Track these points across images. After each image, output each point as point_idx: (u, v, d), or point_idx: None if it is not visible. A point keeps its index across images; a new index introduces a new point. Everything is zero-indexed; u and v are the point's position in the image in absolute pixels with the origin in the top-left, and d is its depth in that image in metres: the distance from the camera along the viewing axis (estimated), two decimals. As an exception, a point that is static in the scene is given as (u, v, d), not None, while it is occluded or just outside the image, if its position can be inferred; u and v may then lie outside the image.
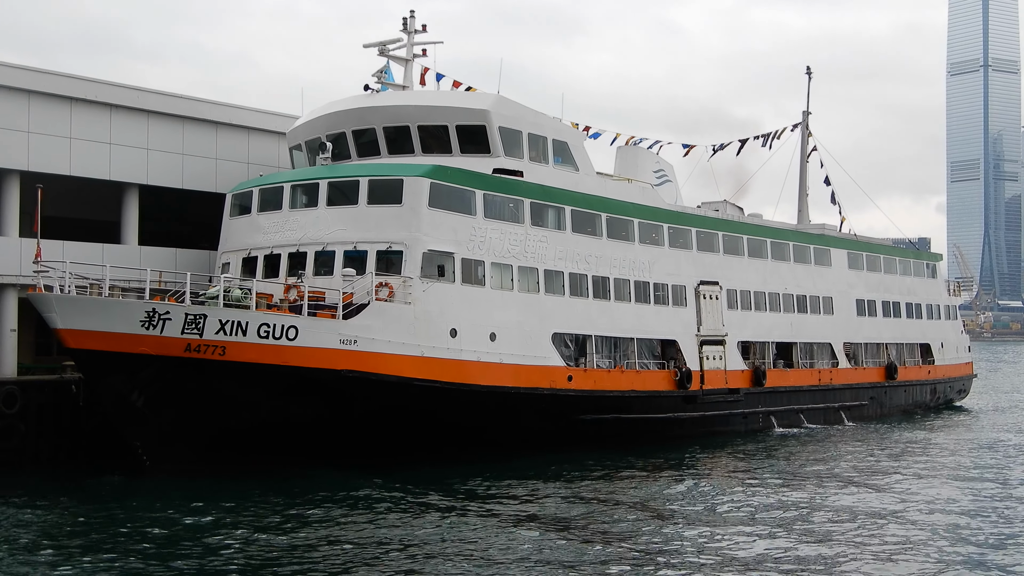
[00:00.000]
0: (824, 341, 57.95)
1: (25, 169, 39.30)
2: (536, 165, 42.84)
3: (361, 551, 24.24)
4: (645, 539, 25.86)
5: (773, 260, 55.38)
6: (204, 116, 44.40)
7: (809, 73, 70.85)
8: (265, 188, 40.88)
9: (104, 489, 32.21)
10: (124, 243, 42.56)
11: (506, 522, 27.53)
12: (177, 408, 32.76)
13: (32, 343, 40.55)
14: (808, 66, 71.00)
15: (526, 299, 40.70)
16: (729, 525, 27.62)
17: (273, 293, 36.78)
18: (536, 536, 25.76)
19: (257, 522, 27.24)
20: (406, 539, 25.47)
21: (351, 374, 34.53)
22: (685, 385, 46.66)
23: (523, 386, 39.24)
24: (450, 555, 23.84)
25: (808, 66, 71.00)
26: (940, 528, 27.42)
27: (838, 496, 32.24)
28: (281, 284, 37.39)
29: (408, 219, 37.68)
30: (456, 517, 27.98)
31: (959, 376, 72.58)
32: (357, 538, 25.49)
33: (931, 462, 40.82)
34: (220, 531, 26.23)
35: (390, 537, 25.59)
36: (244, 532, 26.14)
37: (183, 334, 32.10)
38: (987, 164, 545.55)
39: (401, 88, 43.98)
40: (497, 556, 23.69)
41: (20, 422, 36.60)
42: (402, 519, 27.81)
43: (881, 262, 65.38)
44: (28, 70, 39.96)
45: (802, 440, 48.19)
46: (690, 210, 53.30)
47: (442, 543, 25.01)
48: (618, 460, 38.95)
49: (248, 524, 27.04)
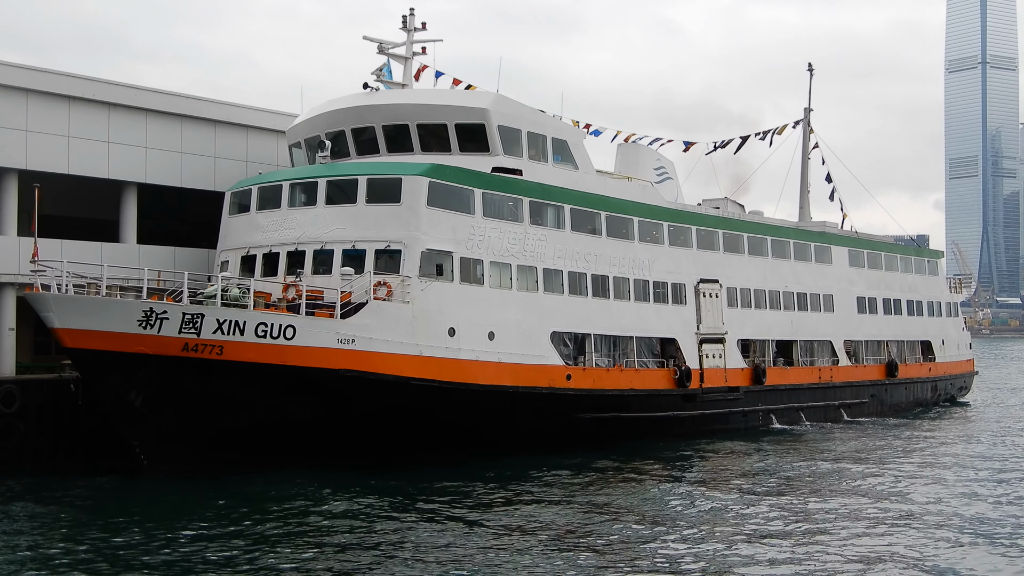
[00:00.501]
0: (824, 339, 57.87)
1: (23, 168, 39.26)
2: (535, 164, 42.76)
3: (347, 555, 24.13)
4: (639, 542, 25.74)
5: (773, 258, 55.28)
6: (203, 115, 44.34)
7: (811, 70, 70.65)
8: (264, 186, 40.83)
9: (102, 488, 32.20)
10: (123, 242, 42.51)
11: (497, 526, 27.31)
12: (175, 408, 32.73)
13: (31, 342, 40.53)
14: (810, 63, 70.88)
15: (525, 298, 40.63)
16: (725, 525, 27.56)
17: (271, 292, 36.77)
18: (530, 543, 25.48)
19: (257, 524, 27.17)
20: (401, 542, 25.41)
21: (349, 373, 34.48)
22: (684, 383, 46.61)
23: (522, 385, 39.19)
24: (438, 560, 23.61)
25: (810, 63, 70.88)
26: (939, 526, 27.37)
27: (834, 494, 32.18)
28: (280, 283, 37.35)
29: (407, 218, 37.62)
30: (442, 522, 27.66)
31: (960, 373, 72.53)
32: (345, 541, 25.37)
33: (930, 459, 40.75)
34: (216, 530, 26.19)
35: (382, 541, 25.44)
36: (242, 530, 26.11)
37: (180, 333, 32.06)
38: (985, 161, 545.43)
39: (400, 86, 43.92)
40: (483, 561, 23.47)
41: (19, 421, 36.54)
42: (396, 522, 27.71)
43: (882, 259, 65.28)
44: (26, 69, 39.89)
45: (801, 438, 48.12)
46: (690, 208, 53.23)
47: (428, 549, 24.77)
48: (616, 459, 38.85)
49: (246, 522, 27.01)
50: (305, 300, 34.46)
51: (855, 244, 63.48)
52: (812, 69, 70.56)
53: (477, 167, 40.34)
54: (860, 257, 63.08)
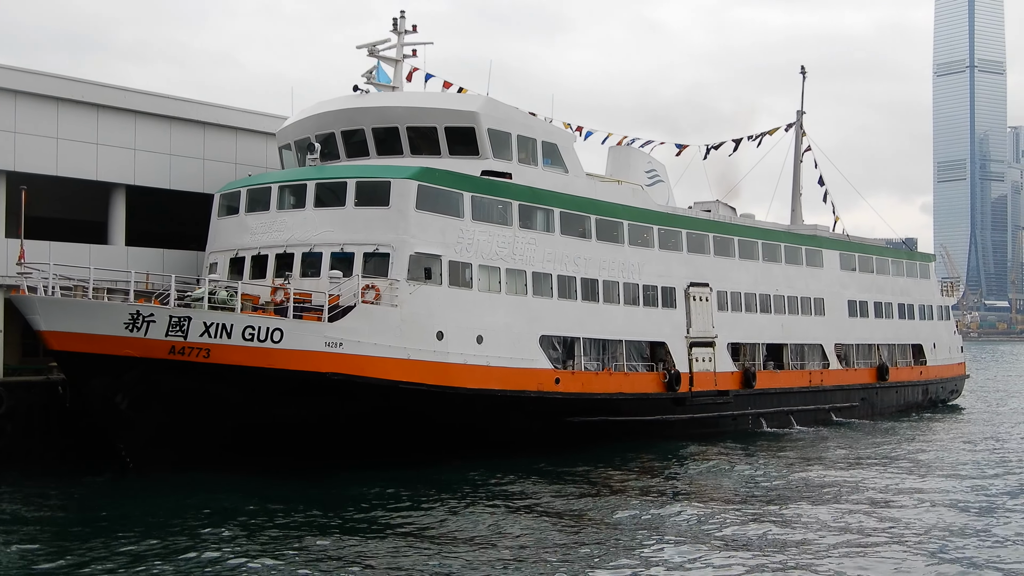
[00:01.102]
0: (815, 342, 57.89)
1: (11, 169, 39.18)
2: (525, 167, 42.72)
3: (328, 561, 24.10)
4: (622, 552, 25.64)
5: (764, 261, 55.27)
6: (191, 116, 44.30)
7: (803, 73, 70.58)
8: (253, 188, 40.76)
9: (89, 490, 32.17)
10: (111, 244, 42.48)
11: (471, 536, 26.99)
12: (162, 410, 32.66)
13: (19, 344, 40.39)
14: (802, 66, 70.82)
15: (514, 301, 40.60)
16: (696, 533, 27.48)
17: (260, 294, 36.70)
18: (505, 552, 25.15)
19: (242, 528, 27.10)
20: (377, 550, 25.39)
21: (336, 377, 34.42)
22: (674, 387, 46.60)
23: (510, 389, 39.14)
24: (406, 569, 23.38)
25: (802, 66, 70.82)
26: (926, 529, 27.37)
27: (820, 498, 32.18)
28: (268, 286, 37.28)
29: (395, 221, 37.57)
30: (414, 535, 27.22)
31: (951, 376, 72.57)
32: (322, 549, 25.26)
33: (918, 461, 40.82)
34: (204, 531, 26.18)
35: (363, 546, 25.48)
36: (229, 534, 26.05)
37: (167, 336, 32.00)
38: (973, 164, 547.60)
39: (391, 89, 43.87)
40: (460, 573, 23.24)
41: (7, 423, 36.50)
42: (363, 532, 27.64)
43: (874, 263, 65.30)
44: (14, 70, 39.82)
45: (789, 442, 48.05)
46: (681, 211, 53.15)
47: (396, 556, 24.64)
48: (605, 463, 38.78)
49: (233, 526, 26.94)
50: (293, 303, 34.42)
51: (846, 247, 63.48)
52: (805, 72, 70.44)
53: (467, 170, 40.29)
54: (851, 260, 63.08)
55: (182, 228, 44.79)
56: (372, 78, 43.27)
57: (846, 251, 63.00)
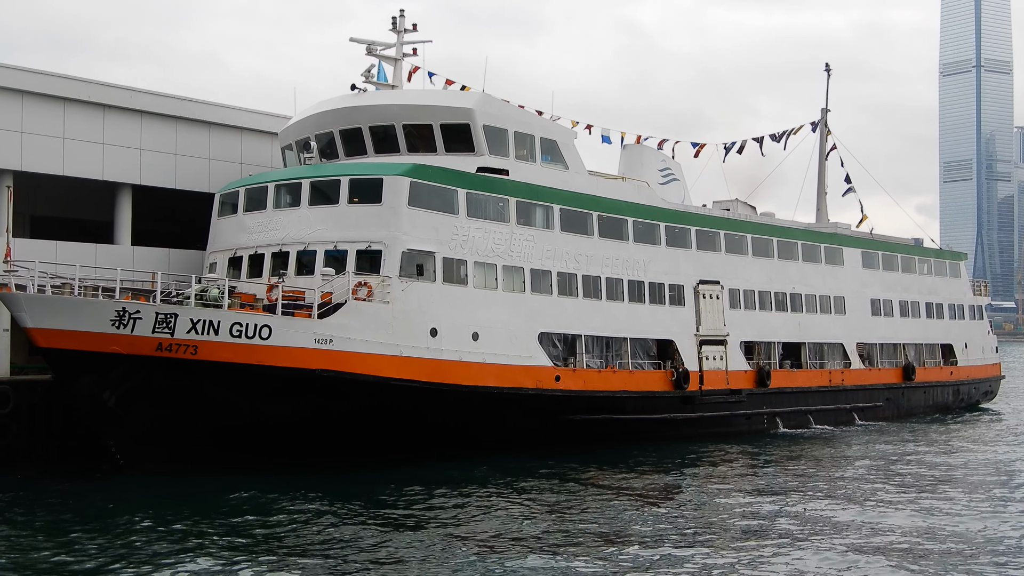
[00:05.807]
0: (835, 341, 56.93)
1: (19, 169, 39.75)
2: (523, 163, 42.51)
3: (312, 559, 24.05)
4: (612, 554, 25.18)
5: (780, 259, 54.45)
6: (197, 116, 44.69)
7: (828, 70, 69.52)
8: (250, 188, 41.05)
9: (85, 488, 32.25)
10: (117, 243, 42.93)
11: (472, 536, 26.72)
12: (150, 407, 32.89)
13: (25, 343, 40.83)
14: (827, 63, 69.71)
15: (511, 298, 40.39)
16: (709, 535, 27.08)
17: (256, 293, 36.94)
18: (479, 555, 24.54)
19: (228, 524, 27.11)
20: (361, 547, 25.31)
21: (326, 373, 34.48)
22: (682, 385, 46.05)
23: (507, 386, 38.94)
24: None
25: (827, 63, 69.71)
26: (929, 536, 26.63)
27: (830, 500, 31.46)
28: (264, 284, 37.49)
29: (388, 218, 37.58)
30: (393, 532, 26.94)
31: (984, 377, 70.98)
32: (308, 543, 25.26)
33: (935, 464, 39.74)
34: (197, 529, 26.22)
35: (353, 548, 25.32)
36: (219, 532, 26.05)
37: (154, 333, 32.24)
38: (980, 164, 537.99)
39: (390, 88, 43.95)
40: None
41: (12, 422, 36.86)
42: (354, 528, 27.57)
43: (899, 261, 64.09)
44: (22, 70, 40.40)
45: (805, 442, 47.18)
46: (691, 208, 52.59)
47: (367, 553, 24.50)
48: (607, 463, 38.29)
49: (223, 522, 27.03)
50: (282, 300, 34.54)
51: (869, 246, 62.36)
52: (829, 69, 69.38)
53: (462, 167, 40.20)
54: (874, 259, 61.97)
55: (188, 228, 45.18)
56: (371, 77, 43.38)
57: (868, 249, 61.88)
